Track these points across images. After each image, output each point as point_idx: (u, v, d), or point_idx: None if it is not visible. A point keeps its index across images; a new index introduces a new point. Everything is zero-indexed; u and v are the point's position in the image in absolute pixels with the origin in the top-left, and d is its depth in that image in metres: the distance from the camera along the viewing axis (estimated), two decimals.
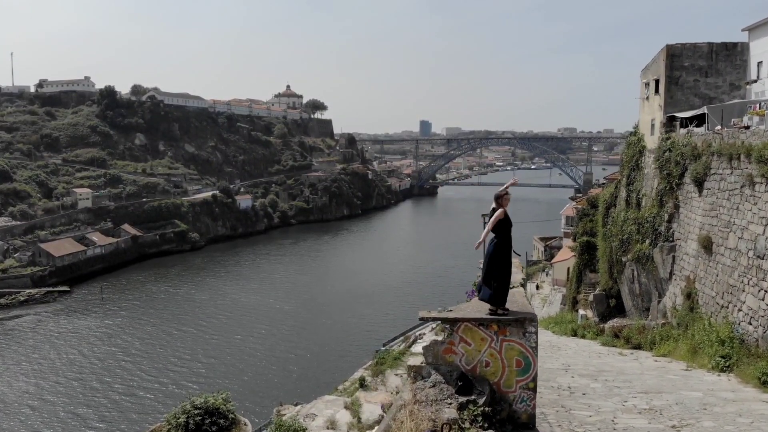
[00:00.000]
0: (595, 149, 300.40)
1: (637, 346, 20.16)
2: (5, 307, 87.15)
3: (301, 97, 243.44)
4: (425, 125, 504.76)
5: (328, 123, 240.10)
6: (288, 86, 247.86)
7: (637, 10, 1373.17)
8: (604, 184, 55.58)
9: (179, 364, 63.30)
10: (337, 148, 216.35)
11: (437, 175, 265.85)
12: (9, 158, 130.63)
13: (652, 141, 27.39)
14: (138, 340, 71.00)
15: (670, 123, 25.52)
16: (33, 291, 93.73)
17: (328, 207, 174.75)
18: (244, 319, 78.65)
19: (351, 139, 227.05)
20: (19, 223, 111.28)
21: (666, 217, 23.60)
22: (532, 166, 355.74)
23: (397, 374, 28.49)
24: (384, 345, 67.94)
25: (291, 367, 62.45)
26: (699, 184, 20.59)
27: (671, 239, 22.98)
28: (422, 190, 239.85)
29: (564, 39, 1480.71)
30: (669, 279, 22.84)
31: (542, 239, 77.99)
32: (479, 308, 8.45)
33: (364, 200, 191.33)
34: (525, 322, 7.89)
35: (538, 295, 56.55)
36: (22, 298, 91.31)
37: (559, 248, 69.99)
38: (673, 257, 22.58)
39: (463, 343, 7.99)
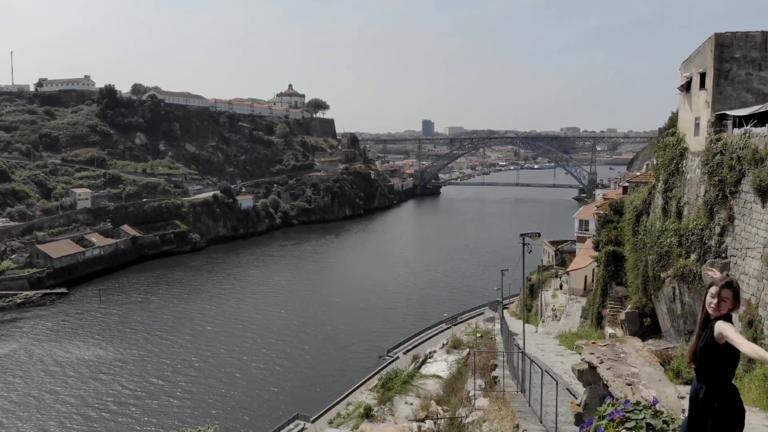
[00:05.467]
0: (599, 149, 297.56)
1: (689, 382, 17.41)
2: (1, 309, 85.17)
3: (303, 96, 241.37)
4: (428, 125, 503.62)
5: (330, 122, 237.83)
6: (290, 85, 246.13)
7: (651, 8, 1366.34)
8: (626, 186, 52.75)
9: (174, 374, 60.97)
10: (340, 147, 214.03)
11: (440, 175, 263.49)
12: (8, 158, 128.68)
13: (696, 142, 24.60)
14: (133, 348, 68.71)
15: (719, 122, 22.79)
16: (30, 293, 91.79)
17: (330, 207, 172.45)
18: (243, 326, 76.22)
19: (353, 139, 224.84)
20: (17, 223, 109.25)
21: (717, 229, 20.94)
22: (535, 166, 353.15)
23: (407, 402, 25.84)
24: (388, 352, 65.44)
25: (290, 376, 60.06)
26: (762, 193, 17.94)
27: (724, 255, 20.33)
28: (425, 190, 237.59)
29: (566, 38, 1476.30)
30: None
31: (553, 243, 74.66)
32: None
33: (366, 200, 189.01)
34: None
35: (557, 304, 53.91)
36: (18, 301, 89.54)
37: (571, 253, 67.00)
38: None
39: None
